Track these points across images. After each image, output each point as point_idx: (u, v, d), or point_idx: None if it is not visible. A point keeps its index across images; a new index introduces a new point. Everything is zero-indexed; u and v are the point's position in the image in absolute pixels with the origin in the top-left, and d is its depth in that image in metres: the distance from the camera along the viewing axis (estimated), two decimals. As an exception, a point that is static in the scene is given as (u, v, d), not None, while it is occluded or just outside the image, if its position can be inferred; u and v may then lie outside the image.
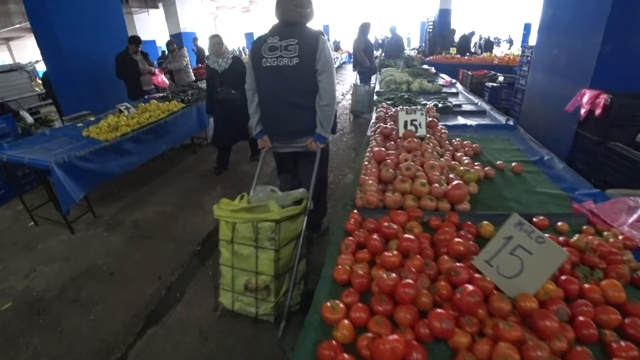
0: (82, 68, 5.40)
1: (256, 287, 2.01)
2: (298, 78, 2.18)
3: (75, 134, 4.04)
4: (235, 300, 2.11)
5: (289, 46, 2.14)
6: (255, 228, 1.90)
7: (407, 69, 6.64)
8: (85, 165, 3.46)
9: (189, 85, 5.83)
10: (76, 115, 5.16)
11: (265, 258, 1.95)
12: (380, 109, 3.48)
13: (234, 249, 2.00)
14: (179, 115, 4.59)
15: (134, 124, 4.07)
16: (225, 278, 2.12)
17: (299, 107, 2.26)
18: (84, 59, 5.41)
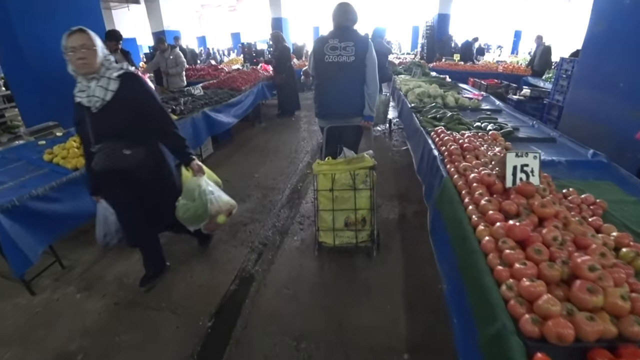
0: (48, 69, 4.32)
1: (355, 221, 2.51)
2: (353, 72, 2.75)
3: (34, 157, 3.04)
4: (336, 237, 2.58)
5: (347, 47, 2.71)
6: (353, 175, 2.44)
7: (424, 77, 5.88)
8: (46, 208, 2.49)
9: (180, 91, 4.84)
10: (39, 128, 4.11)
11: (363, 196, 2.49)
12: (442, 136, 2.64)
13: (333, 195, 2.49)
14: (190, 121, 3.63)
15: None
16: (326, 221, 2.57)
17: (353, 94, 2.83)
18: (50, 57, 4.30)
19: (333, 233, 2.56)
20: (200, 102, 4.32)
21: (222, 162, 4.74)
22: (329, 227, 2.56)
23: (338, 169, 2.47)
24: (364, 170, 2.45)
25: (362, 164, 2.45)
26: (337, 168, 2.47)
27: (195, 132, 4.04)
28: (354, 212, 2.50)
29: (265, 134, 5.87)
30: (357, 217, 2.51)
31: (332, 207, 2.52)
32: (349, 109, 2.89)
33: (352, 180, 2.44)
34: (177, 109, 3.91)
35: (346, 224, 2.54)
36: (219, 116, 4.46)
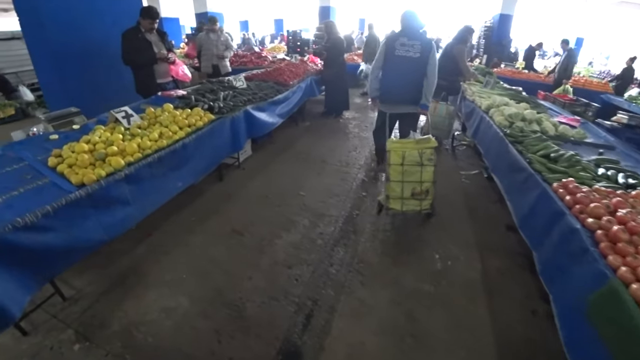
0: (73, 47, 3.67)
1: (420, 191, 2.81)
2: (417, 66, 3.18)
3: (39, 157, 2.39)
4: (404, 205, 2.86)
5: (414, 45, 3.15)
6: (421, 153, 2.74)
7: (498, 89, 4.85)
8: (35, 240, 1.80)
9: (219, 81, 4.06)
10: (58, 115, 3.47)
11: (428, 171, 2.77)
12: (579, 197, 1.79)
13: (403, 169, 2.78)
14: (205, 133, 2.85)
15: (133, 150, 2.35)
16: (395, 191, 2.84)
17: (414, 85, 3.24)
18: (76, 33, 3.67)
19: (401, 201, 2.86)
20: (243, 97, 3.53)
21: (260, 170, 3.97)
22: (397, 196, 2.85)
23: (408, 147, 2.79)
24: (430, 149, 2.75)
25: (429, 144, 2.77)
26: (407, 146, 2.79)
27: (235, 135, 3.27)
28: (420, 184, 2.79)
29: (309, 136, 5.04)
30: (422, 188, 2.80)
31: (402, 179, 2.80)
32: (410, 98, 3.27)
33: (420, 157, 2.74)
34: (215, 106, 3.13)
35: (413, 194, 2.83)
36: (262, 115, 3.67)
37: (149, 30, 3.75)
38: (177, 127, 2.67)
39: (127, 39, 3.63)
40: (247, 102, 3.49)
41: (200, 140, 2.78)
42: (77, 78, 3.82)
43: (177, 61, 4.02)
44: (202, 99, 3.26)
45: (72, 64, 3.73)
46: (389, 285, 2.45)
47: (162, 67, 3.91)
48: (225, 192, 3.52)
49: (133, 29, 3.67)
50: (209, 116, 2.93)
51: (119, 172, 2.20)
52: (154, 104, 3.38)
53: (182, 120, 2.72)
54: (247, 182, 3.69)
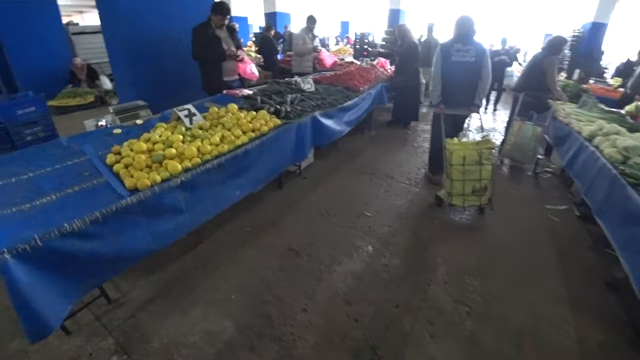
0: (144, 41, 3.60)
1: (480, 188, 2.91)
2: (473, 69, 3.23)
3: (100, 152, 2.31)
4: (465, 201, 2.96)
5: (469, 50, 3.22)
6: (479, 153, 2.84)
7: (597, 112, 4.03)
8: (82, 247, 1.62)
9: (287, 82, 3.78)
10: (126, 107, 3.40)
11: (486, 169, 2.88)
12: None
13: (464, 169, 2.88)
14: (269, 139, 2.56)
15: (191, 154, 2.11)
16: (457, 189, 2.93)
17: (470, 87, 3.30)
18: (148, 28, 3.60)
19: (463, 197, 2.95)
20: (311, 102, 3.21)
21: (323, 180, 3.63)
22: (459, 193, 2.94)
23: (468, 147, 2.87)
24: (488, 149, 2.84)
25: (487, 145, 2.86)
26: (467, 147, 2.87)
27: (300, 142, 2.95)
28: (479, 181, 2.89)
29: (374, 146, 4.61)
30: (482, 185, 2.90)
31: (463, 178, 2.90)
32: (466, 100, 3.32)
33: (479, 157, 2.83)
34: (281, 110, 2.84)
35: (473, 191, 2.93)
36: (330, 123, 3.33)
37: (219, 27, 3.58)
38: (240, 131, 2.41)
39: (197, 34, 3.48)
40: (315, 107, 3.16)
41: (264, 147, 2.49)
42: (146, 71, 3.76)
43: (246, 59, 3.82)
44: (268, 101, 2.99)
45: (142, 57, 3.68)
46: (464, 341, 1.98)
47: (230, 65, 3.72)
48: (284, 202, 3.22)
49: (203, 25, 3.51)
50: (275, 121, 2.63)
51: (174, 178, 1.96)
52: (219, 103, 3.18)
53: (246, 124, 2.45)
54: (307, 192, 3.37)
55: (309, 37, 5.42)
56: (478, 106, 3.34)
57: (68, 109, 8.02)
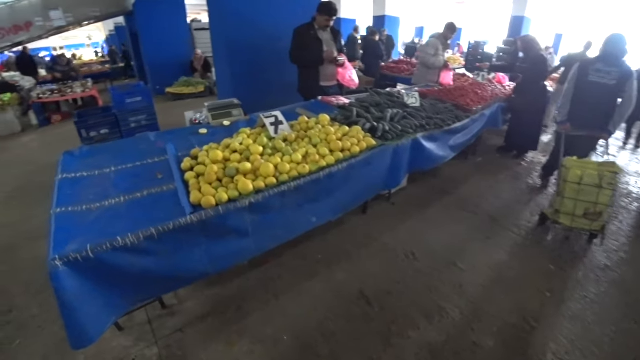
0: (245, 38, 3.48)
1: (594, 212, 2.60)
2: (610, 93, 2.96)
3: (181, 152, 2.15)
4: (574, 222, 2.69)
5: (611, 72, 2.92)
6: (601, 175, 2.52)
7: None
8: (132, 262, 1.48)
9: (388, 94, 3.28)
10: (219, 105, 3.29)
11: (606, 195, 2.55)
12: None
13: (579, 188, 2.59)
14: (360, 162, 2.12)
15: (267, 172, 1.79)
16: (567, 207, 2.67)
17: (602, 111, 3.01)
18: (251, 25, 3.46)
19: (571, 218, 2.68)
20: (414, 121, 2.67)
21: (413, 211, 3.08)
22: (569, 212, 2.68)
23: (588, 167, 2.62)
24: (612, 173, 2.53)
25: (612, 168, 2.57)
26: (586, 166, 2.63)
27: (395, 167, 2.45)
28: (594, 205, 2.58)
29: (480, 177, 3.81)
30: (596, 209, 2.60)
31: (576, 197, 2.62)
32: (594, 123, 3.03)
33: (599, 179, 2.54)
34: (379, 128, 2.38)
35: (585, 214, 2.64)
36: (433, 147, 2.76)
37: (323, 28, 3.26)
38: (327, 149, 2.03)
39: (298, 35, 3.22)
40: (418, 128, 2.62)
41: (352, 170, 2.08)
42: (244, 70, 3.66)
43: (347, 64, 3.45)
44: (364, 115, 2.56)
45: (241, 55, 3.58)
46: None
47: (329, 69, 3.39)
48: (366, 231, 2.77)
49: (306, 25, 3.23)
50: (369, 141, 2.19)
51: (243, 199, 1.67)
52: (311, 110, 2.87)
53: (335, 142, 2.06)
54: (394, 223, 2.87)
55: (443, 48, 4.68)
56: (610, 133, 3.05)
57: (182, 96, 8.77)
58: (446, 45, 4.73)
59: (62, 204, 1.69)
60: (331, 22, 3.23)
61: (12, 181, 4.12)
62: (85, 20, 7.97)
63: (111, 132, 3.62)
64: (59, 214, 1.65)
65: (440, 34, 4.70)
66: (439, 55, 4.57)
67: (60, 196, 1.78)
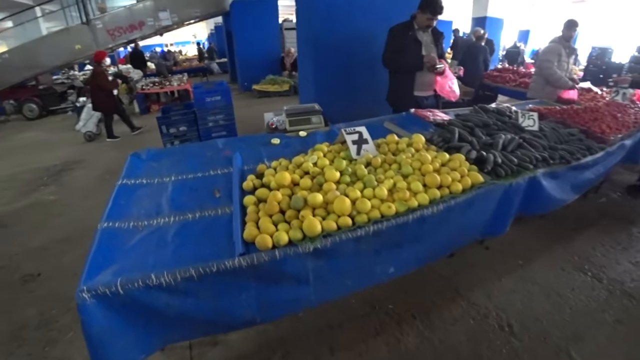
0: (333, 38, 3.14)
1: None
2: None
3: (243, 169, 1.91)
4: None
5: None
6: None
7: None
8: (169, 303, 1.22)
9: (499, 112, 2.61)
10: (299, 110, 3.06)
11: None
12: None
13: None
14: (459, 204, 1.59)
15: (342, 209, 1.39)
16: None
17: None
18: (341, 24, 3.11)
19: None
20: (533, 153, 1.97)
21: (512, 264, 2.45)
22: None
23: None
24: None
25: None
26: None
27: (500, 212, 1.83)
28: None
29: (605, 225, 2.89)
30: None
31: None
32: None
33: None
34: (488, 160, 1.80)
35: None
36: (552, 186, 2.06)
37: (423, 28, 2.76)
38: (420, 184, 1.56)
39: (394, 35, 2.78)
40: (539, 162, 1.98)
41: (449, 214, 1.57)
42: (328, 72, 3.32)
43: (448, 72, 2.90)
44: (468, 139, 2.01)
45: (327, 56, 3.25)
46: None
47: (426, 77, 2.88)
48: (450, 283, 2.24)
49: (404, 25, 2.77)
50: (476, 177, 1.65)
51: (307, 242, 1.30)
52: (401, 125, 2.41)
53: (432, 175, 1.57)
54: (488, 277, 2.28)
55: (567, 53, 3.75)
56: None
57: (267, 94, 8.91)
58: (570, 48, 3.83)
59: (112, 217, 1.53)
60: (434, 22, 2.72)
61: (106, 163, 4.42)
62: (187, 19, 8.52)
63: (189, 130, 3.62)
64: (105, 229, 1.48)
65: (560, 37, 3.83)
66: (562, 63, 3.71)
67: (112, 207, 1.62)
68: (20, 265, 2.66)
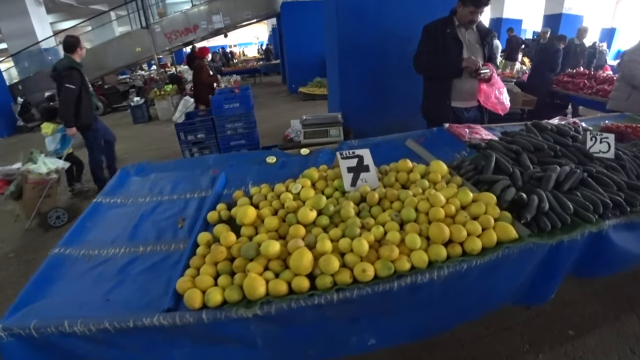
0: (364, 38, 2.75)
1: None
2: None
3: (223, 193, 1.70)
4: None
5: None
6: None
7: None
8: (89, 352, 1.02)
9: (560, 131, 2.02)
10: (318, 120, 2.78)
11: None
12: None
13: None
14: (477, 270, 1.12)
15: (301, 267, 1.04)
16: None
17: None
18: (373, 22, 2.70)
19: None
20: (600, 196, 1.38)
21: (559, 332, 1.87)
22: None
23: None
24: None
25: None
26: None
27: (544, 274, 1.30)
28: None
29: None
30: None
31: None
32: None
33: None
34: (530, 205, 1.28)
35: None
36: (626, 240, 1.46)
37: (466, 24, 2.27)
38: (418, 237, 1.13)
39: (428, 34, 2.33)
40: (607, 209, 1.38)
41: (458, 280, 1.13)
42: (356, 78, 2.94)
43: (495, 79, 2.36)
44: (508, 169, 1.52)
45: (354, 60, 2.87)
46: None
47: (467, 84, 2.38)
48: (469, 352, 1.75)
49: (442, 21, 2.31)
50: (506, 230, 1.15)
51: (246, 307, 0.98)
52: (430, 145, 1.97)
53: (439, 227, 1.13)
54: (516, 351, 1.75)
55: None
56: None
57: (313, 97, 8.71)
58: None
59: (68, 242, 1.40)
60: (477, 17, 2.21)
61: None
62: (239, 22, 8.63)
63: (207, 137, 3.51)
64: (55, 256, 1.33)
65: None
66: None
67: (75, 229, 1.47)
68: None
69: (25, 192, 3.03)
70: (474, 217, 1.21)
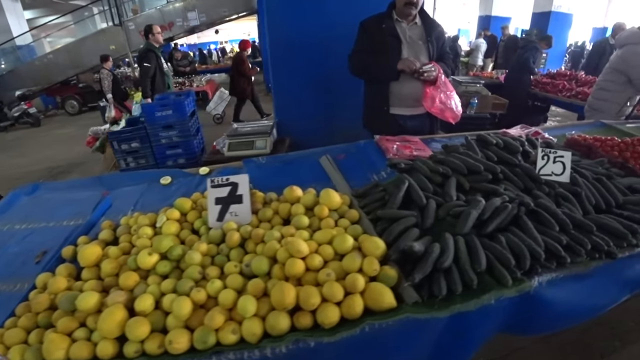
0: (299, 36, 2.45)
1: None
2: None
3: (98, 221, 1.40)
4: None
5: None
6: None
7: None
8: None
9: (506, 144, 1.70)
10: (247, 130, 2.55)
11: None
12: None
13: None
14: (330, 346, 0.80)
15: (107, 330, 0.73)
16: None
17: None
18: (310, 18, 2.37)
19: None
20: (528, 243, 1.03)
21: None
22: None
23: None
24: None
25: None
26: None
27: (448, 344, 0.97)
28: None
29: None
30: None
31: None
32: None
33: None
34: (419, 264, 0.98)
35: None
36: (574, 294, 1.09)
37: (406, 17, 1.93)
38: (253, 301, 0.81)
39: (364, 30, 2.01)
40: (538, 262, 1.01)
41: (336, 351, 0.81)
42: (296, 81, 2.59)
43: (442, 82, 2.02)
44: (422, 199, 1.19)
45: (288, 60, 2.52)
46: None
47: (407, 87, 2.04)
48: None
49: (378, 17, 1.98)
50: (381, 296, 0.82)
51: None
52: (352, 162, 1.66)
53: (282, 291, 0.81)
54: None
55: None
56: None
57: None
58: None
59: None
60: (414, 10, 1.88)
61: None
62: (217, 19, 8.32)
63: (142, 147, 3.22)
64: None
65: None
66: None
67: None
68: None
69: (107, 148, 3.58)
70: (344, 275, 0.89)
